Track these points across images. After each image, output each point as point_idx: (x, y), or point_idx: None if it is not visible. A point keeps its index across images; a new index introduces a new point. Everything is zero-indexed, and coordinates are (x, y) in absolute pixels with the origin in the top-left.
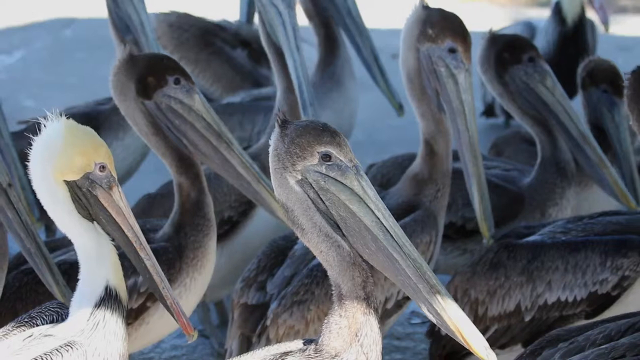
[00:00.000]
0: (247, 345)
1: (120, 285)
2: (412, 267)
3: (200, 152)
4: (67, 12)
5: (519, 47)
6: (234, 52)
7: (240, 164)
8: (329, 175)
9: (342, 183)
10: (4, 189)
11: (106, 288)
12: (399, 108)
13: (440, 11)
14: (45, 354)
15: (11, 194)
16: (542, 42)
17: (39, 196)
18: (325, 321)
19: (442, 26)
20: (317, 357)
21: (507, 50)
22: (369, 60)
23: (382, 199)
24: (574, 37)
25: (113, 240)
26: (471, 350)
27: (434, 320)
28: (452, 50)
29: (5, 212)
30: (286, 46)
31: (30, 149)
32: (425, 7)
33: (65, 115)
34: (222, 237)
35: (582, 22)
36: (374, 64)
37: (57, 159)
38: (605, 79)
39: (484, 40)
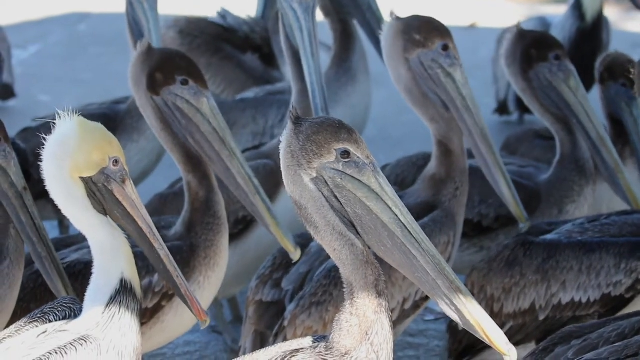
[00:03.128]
0: (261, 342)
1: (134, 278)
2: (431, 263)
3: (205, 154)
4: (81, 6)
5: (547, 45)
6: (245, 57)
7: (239, 174)
8: (345, 173)
9: (359, 180)
10: (20, 193)
11: (121, 280)
12: None
13: (417, 17)
14: (59, 348)
15: (26, 197)
16: (557, 37)
17: (53, 195)
18: (336, 319)
19: (428, 29)
20: (327, 354)
21: (535, 47)
22: None
23: (400, 198)
24: (591, 34)
25: (126, 234)
26: (492, 346)
27: (453, 316)
28: (445, 48)
29: (19, 216)
30: (302, 51)
31: (43, 148)
32: (399, 19)
33: (81, 114)
34: (236, 236)
35: (600, 18)
36: None
37: (73, 156)
38: (624, 73)
39: (511, 35)
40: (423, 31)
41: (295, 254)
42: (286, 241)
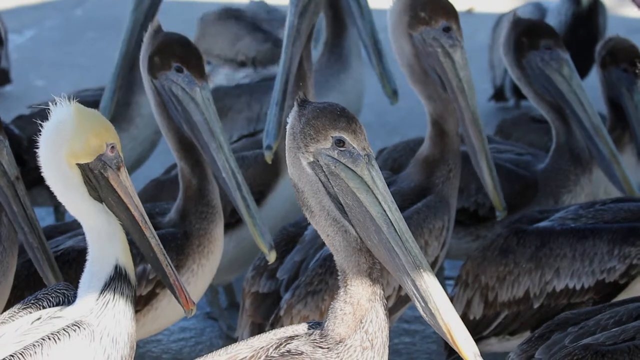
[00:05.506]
0: (258, 333)
1: (128, 264)
2: (411, 263)
3: (197, 143)
4: None
5: (538, 33)
6: None
7: (224, 169)
8: (340, 161)
9: (352, 170)
10: (12, 182)
11: (116, 267)
12: (393, 95)
13: None
14: (52, 334)
15: (18, 187)
16: (553, 22)
17: (50, 182)
18: (331, 306)
19: (434, 7)
20: (322, 342)
21: (526, 35)
22: (368, 43)
23: (392, 183)
24: (587, 18)
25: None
26: (461, 355)
27: (427, 319)
28: (447, 30)
29: (11, 206)
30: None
31: (40, 135)
32: None
33: (77, 99)
34: (233, 224)
35: (596, 3)
36: (373, 48)
37: (71, 143)
38: (626, 58)
39: (508, 23)
40: (428, 9)
41: (269, 256)
42: (261, 242)
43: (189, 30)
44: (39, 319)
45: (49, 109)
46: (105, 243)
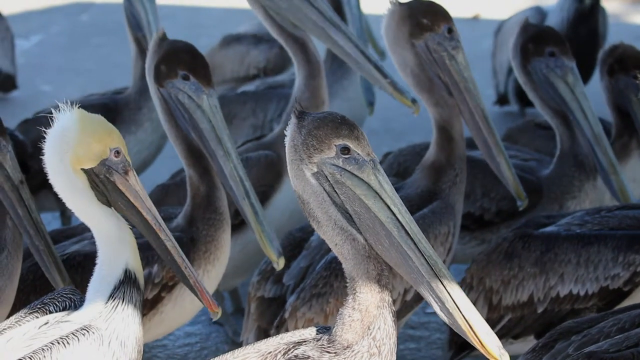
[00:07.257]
0: (264, 338)
1: (138, 268)
2: (426, 264)
3: (205, 150)
4: None
5: (543, 40)
6: None
7: (231, 176)
8: (345, 169)
9: (358, 177)
10: (16, 186)
11: (125, 271)
12: (368, 105)
13: (420, 1)
14: (61, 338)
15: (23, 191)
16: (555, 19)
17: (56, 188)
18: (339, 313)
19: (434, 13)
20: (329, 347)
21: (532, 41)
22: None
23: (399, 189)
24: (589, 16)
25: (132, 226)
26: (483, 352)
27: (445, 319)
28: (449, 31)
29: (16, 209)
30: (325, 22)
31: (44, 141)
32: (401, 4)
33: (81, 104)
34: (237, 227)
35: (598, 1)
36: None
37: (74, 148)
38: (636, 66)
39: (517, 28)
40: (429, 15)
41: (277, 263)
42: (269, 249)
43: (194, 36)
44: (46, 323)
45: (52, 114)
46: (115, 247)
